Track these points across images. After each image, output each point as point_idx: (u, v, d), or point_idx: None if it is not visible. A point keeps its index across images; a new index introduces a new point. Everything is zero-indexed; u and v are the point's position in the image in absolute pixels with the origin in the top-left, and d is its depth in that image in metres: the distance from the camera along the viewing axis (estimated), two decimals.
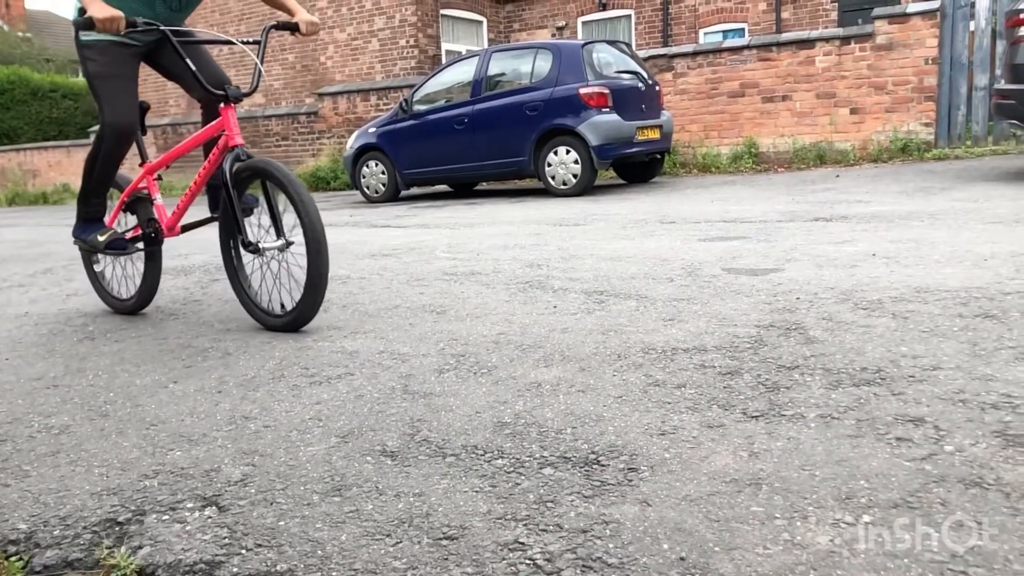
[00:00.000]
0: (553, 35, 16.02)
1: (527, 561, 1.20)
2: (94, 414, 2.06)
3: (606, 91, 7.94)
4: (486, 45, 15.33)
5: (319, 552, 1.28)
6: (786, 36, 10.05)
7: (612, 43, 9.13)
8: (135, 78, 3.02)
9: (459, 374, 2.16)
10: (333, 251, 4.86)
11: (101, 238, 3.16)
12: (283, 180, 2.67)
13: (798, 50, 9.60)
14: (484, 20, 16.05)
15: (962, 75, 8.83)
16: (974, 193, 5.35)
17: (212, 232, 3.15)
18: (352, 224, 6.84)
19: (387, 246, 5.06)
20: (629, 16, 15.91)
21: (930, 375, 1.86)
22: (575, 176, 8.01)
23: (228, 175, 2.77)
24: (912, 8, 9.12)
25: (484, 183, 10.17)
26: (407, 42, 14.33)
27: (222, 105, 2.84)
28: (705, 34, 15.10)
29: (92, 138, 4.01)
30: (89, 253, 3.50)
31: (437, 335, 2.60)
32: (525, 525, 1.30)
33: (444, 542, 1.27)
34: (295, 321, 2.78)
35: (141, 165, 3.23)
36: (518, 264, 3.89)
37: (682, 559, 1.17)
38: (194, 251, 5.29)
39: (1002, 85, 6.20)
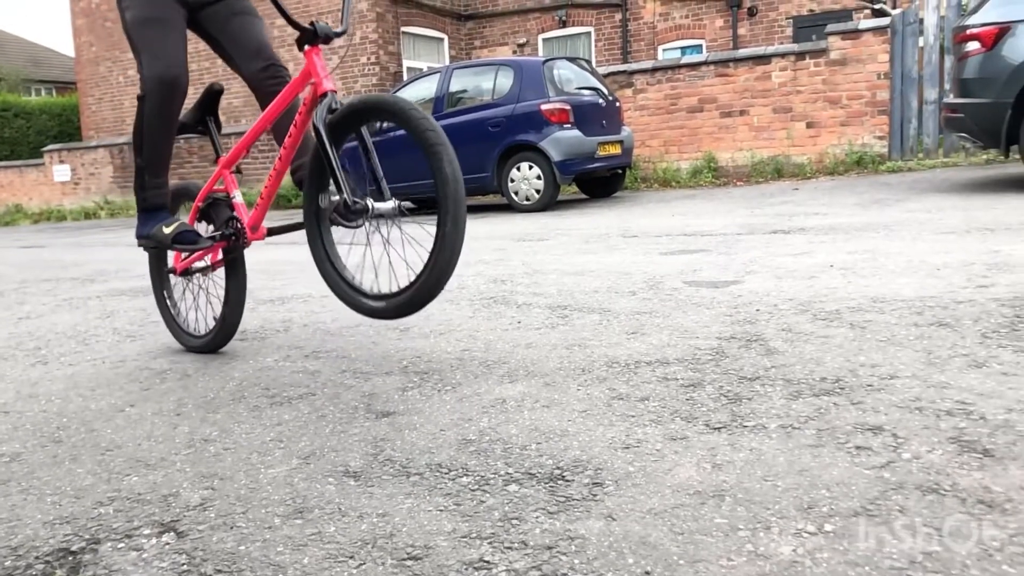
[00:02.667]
0: (514, 52, 16.12)
1: None
2: (47, 440, 2.00)
3: (567, 107, 8.01)
4: (447, 62, 15.37)
5: None
6: (743, 52, 10.24)
7: (572, 60, 9.23)
8: (182, 28, 2.55)
9: (423, 392, 2.15)
10: (294, 270, 4.82)
11: (167, 229, 2.57)
12: (401, 112, 2.08)
13: (755, 66, 9.78)
14: (445, 37, 16.11)
15: (913, 89, 9.06)
16: (927, 204, 5.48)
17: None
18: None
19: (350, 263, 5.02)
20: (589, 33, 16.09)
21: (888, 384, 1.89)
22: (538, 192, 8.05)
23: (323, 129, 2.23)
24: (864, 24, 9.35)
25: None
26: (368, 59, 14.33)
27: (307, 47, 2.30)
28: (664, 50, 15.32)
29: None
30: (158, 257, 2.93)
31: (400, 353, 2.58)
32: (490, 543, 1.29)
33: (408, 562, 1.26)
34: (411, 302, 2.16)
35: (216, 161, 2.74)
36: (482, 280, 3.89)
37: (647, 573, 1.17)
38: None
39: (951, 99, 6.38)
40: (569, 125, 7.99)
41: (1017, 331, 2.22)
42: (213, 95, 2.67)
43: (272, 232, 2.69)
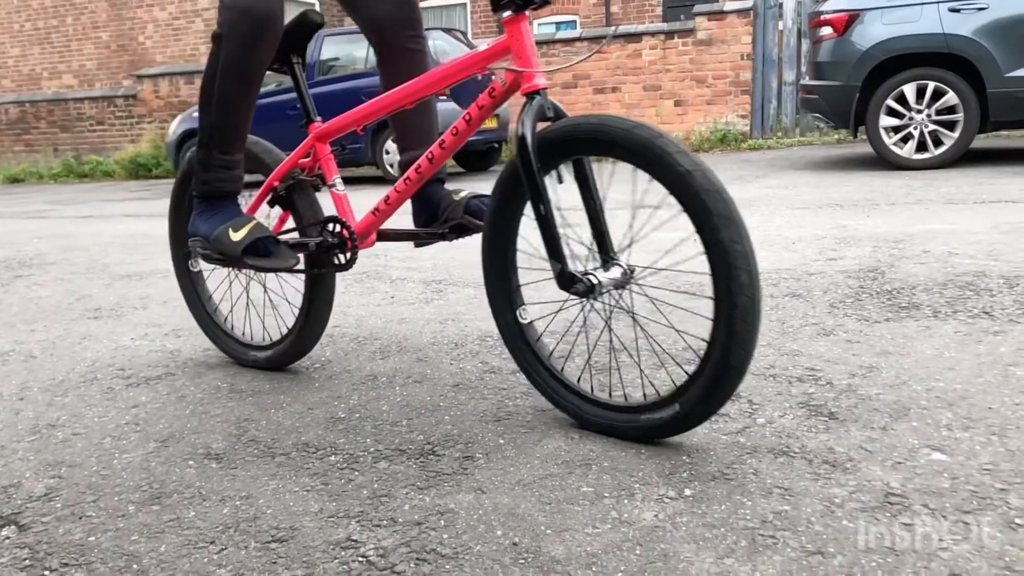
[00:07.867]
0: None
1: (360, 559, 1.17)
2: None
3: None
4: None
5: (135, 566, 1.19)
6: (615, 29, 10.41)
7: (448, 31, 9.12)
8: None
9: (290, 370, 2.09)
10: (151, 243, 4.56)
11: (236, 235, 1.78)
12: (656, 155, 1.41)
13: (626, 43, 9.98)
14: (316, 3, 15.60)
15: (773, 71, 9.50)
16: (784, 181, 5.77)
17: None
18: None
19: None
20: (465, 5, 15.96)
21: None
22: None
23: (529, 143, 1.53)
24: (728, 6, 9.69)
25: None
26: None
27: (508, 14, 1.51)
28: (539, 25, 15.41)
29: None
30: (204, 260, 1.92)
31: (268, 330, 2.49)
32: (358, 522, 1.27)
33: (273, 545, 1.22)
34: (680, 422, 1.45)
35: (305, 126, 2.00)
36: None
37: (515, 544, 1.18)
38: None
39: (807, 81, 6.72)
40: (445, 97, 7.91)
41: (861, 301, 2.38)
42: (306, 26, 1.90)
43: (384, 237, 1.94)
